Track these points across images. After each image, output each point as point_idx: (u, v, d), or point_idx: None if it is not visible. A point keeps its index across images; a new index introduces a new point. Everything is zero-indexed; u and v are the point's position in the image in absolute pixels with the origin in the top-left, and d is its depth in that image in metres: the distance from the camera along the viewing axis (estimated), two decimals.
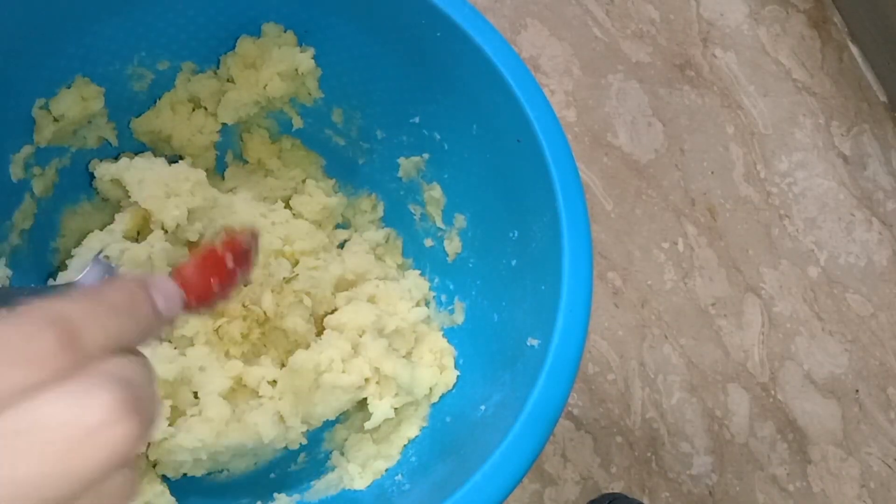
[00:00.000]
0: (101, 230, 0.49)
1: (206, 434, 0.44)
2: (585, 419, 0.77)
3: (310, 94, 0.53)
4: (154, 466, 0.46)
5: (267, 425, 0.46)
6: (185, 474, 0.47)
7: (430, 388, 0.50)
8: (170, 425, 0.44)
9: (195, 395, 0.47)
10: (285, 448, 0.49)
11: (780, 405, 0.82)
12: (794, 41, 0.98)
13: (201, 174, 0.50)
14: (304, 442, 0.48)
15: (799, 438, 0.81)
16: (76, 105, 0.47)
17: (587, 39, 0.92)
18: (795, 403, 0.82)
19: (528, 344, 0.42)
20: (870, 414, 0.84)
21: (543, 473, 0.74)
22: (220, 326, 0.48)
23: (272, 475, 0.50)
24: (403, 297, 0.53)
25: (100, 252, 0.46)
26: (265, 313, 0.49)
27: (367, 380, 0.48)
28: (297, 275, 0.51)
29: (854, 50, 0.99)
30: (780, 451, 0.80)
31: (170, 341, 0.48)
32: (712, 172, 0.89)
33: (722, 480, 0.78)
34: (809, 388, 0.83)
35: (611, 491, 0.75)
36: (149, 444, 0.44)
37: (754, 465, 0.79)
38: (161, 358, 0.46)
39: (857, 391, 0.84)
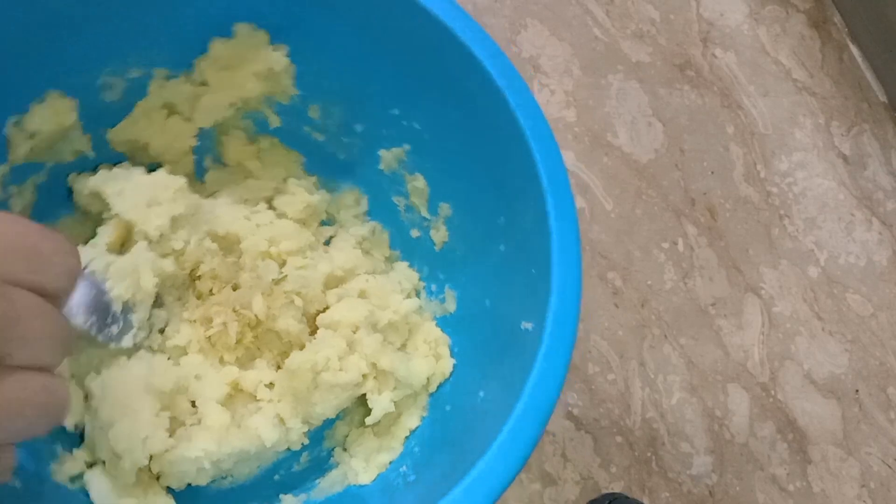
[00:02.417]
0: (84, 245, 0.48)
1: (207, 443, 0.44)
2: (585, 419, 0.77)
3: (286, 91, 0.52)
4: (157, 479, 0.46)
5: (268, 429, 0.46)
6: (189, 484, 0.46)
7: (428, 379, 0.49)
8: (170, 437, 0.44)
9: (192, 403, 0.47)
10: (287, 449, 0.49)
11: (780, 405, 0.82)
12: (794, 41, 0.98)
13: (181, 181, 0.49)
14: (306, 442, 0.48)
15: (799, 438, 0.81)
16: (50, 120, 0.46)
17: (587, 39, 0.92)
18: (795, 403, 0.82)
19: (522, 328, 0.42)
20: (870, 414, 0.84)
21: (543, 473, 0.74)
22: (212, 333, 0.48)
23: (276, 477, 0.50)
24: (394, 289, 0.53)
25: (85, 267, 0.45)
26: (256, 317, 0.49)
27: (364, 376, 0.48)
28: (286, 276, 0.51)
29: (854, 50, 0.99)
30: (780, 451, 0.80)
31: (163, 352, 0.48)
32: (712, 172, 0.89)
33: (722, 480, 0.78)
34: (809, 388, 0.83)
35: (611, 491, 0.75)
36: (150, 456, 0.44)
37: (754, 465, 0.79)
38: (156, 370, 0.45)
39: (857, 391, 0.84)
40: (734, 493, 0.78)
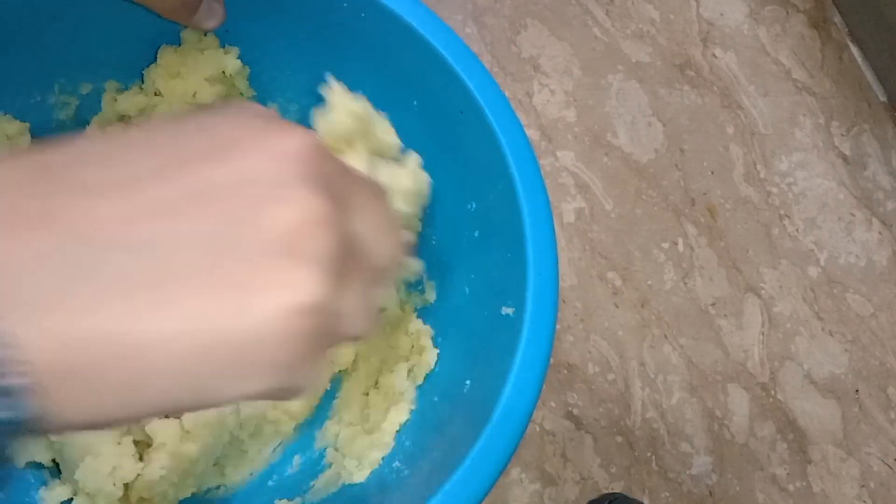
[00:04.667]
0: None
1: (164, 459, 0.44)
2: (585, 419, 0.77)
3: (241, 93, 0.52)
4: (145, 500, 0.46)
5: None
6: (181, 500, 0.46)
7: (413, 370, 0.49)
8: (140, 460, 0.44)
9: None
10: (281, 449, 0.49)
11: (780, 405, 0.82)
12: (794, 41, 0.98)
13: None
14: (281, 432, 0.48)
15: (799, 438, 0.81)
16: (1, 146, 0.45)
17: (587, 39, 0.92)
18: (795, 403, 0.82)
19: (503, 313, 0.42)
20: (870, 414, 0.84)
21: (543, 473, 0.74)
22: None
23: (270, 483, 0.50)
24: None
25: None
26: None
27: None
28: None
29: (854, 50, 0.99)
30: (780, 451, 0.80)
31: None
32: (712, 172, 0.89)
33: (722, 480, 0.78)
34: (809, 388, 0.83)
35: (611, 491, 0.75)
36: (125, 485, 0.44)
37: (754, 465, 0.79)
38: None
39: (857, 391, 0.84)
40: (734, 493, 0.78)
